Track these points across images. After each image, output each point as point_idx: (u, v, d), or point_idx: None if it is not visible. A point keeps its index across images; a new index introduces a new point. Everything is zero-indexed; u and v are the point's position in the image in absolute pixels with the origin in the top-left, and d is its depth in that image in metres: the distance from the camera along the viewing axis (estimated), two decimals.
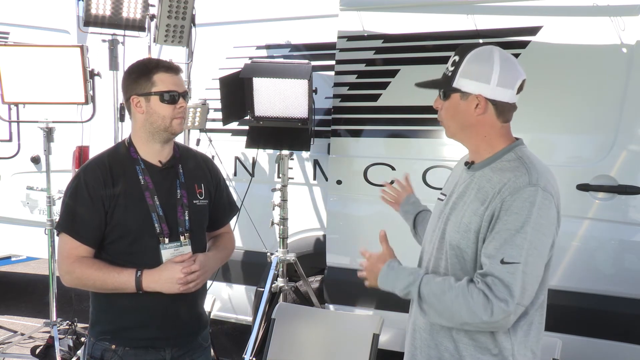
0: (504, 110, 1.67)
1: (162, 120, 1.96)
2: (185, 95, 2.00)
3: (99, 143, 4.16)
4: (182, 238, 1.99)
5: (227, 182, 2.31)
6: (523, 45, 3.09)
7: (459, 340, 1.66)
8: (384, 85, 3.43)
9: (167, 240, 1.96)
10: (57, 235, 2.00)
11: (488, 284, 1.52)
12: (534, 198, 1.54)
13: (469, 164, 1.74)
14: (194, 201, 2.06)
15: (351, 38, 3.52)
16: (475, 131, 1.69)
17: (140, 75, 1.96)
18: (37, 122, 3.84)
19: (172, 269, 1.91)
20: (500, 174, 1.62)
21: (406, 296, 1.67)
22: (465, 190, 1.70)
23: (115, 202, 1.92)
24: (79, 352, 3.74)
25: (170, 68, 1.99)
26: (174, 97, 1.96)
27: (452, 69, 1.68)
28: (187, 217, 2.02)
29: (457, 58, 1.67)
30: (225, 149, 4.04)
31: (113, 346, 1.96)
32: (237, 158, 4.08)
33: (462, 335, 1.66)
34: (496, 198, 1.58)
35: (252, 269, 3.96)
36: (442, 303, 1.58)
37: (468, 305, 1.53)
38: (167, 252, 1.96)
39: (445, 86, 1.69)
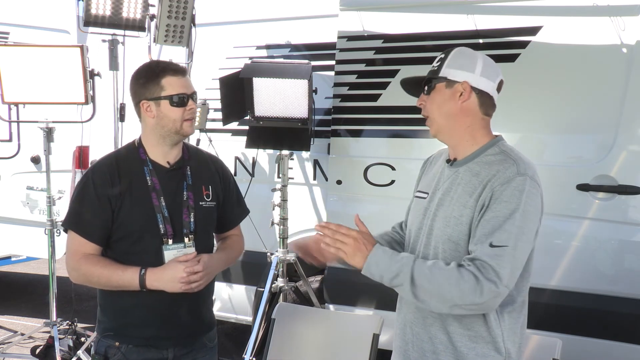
0: (486, 102, 1.73)
1: (173, 124, 1.98)
2: (194, 96, 2.02)
3: (99, 143, 4.17)
4: (186, 240, 2.00)
5: None
6: (523, 45, 3.09)
7: (452, 332, 1.68)
8: (384, 85, 3.43)
9: (170, 241, 1.97)
10: (65, 232, 2.02)
11: (477, 267, 1.54)
12: (522, 186, 1.60)
13: (451, 161, 1.79)
14: (200, 203, 2.07)
15: (351, 38, 3.52)
16: (460, 120, 1.73)
17: (148, 80, 1.98)
18: (37, 122, 3.84)
19: (175, 268, 1.92)
20: (487, 167, 1.67)
21: (393, 280, 1.60)
22: (450, 186, 1.74)
23: (121, 201, 1.95)
24: (79, 352, 3.74)
25: (178, 71, 2.00)
26: (183, 100, 1.98)
27: (437, 64, 1.76)
28: (192, 219, 2.03)
29: (442, 56, 1.76)
30: (225, 149, 4.03)
31: (117, 343, 1.99)
32: (237, 158, 4.08)
33: (456, 326, 1.68)
34: (486, 189, 1.62)
35: (252, 269, 3.96)
36: (433, 284, 1.56)
37: (459, 286, 1.53)
38: (170, 253, 1.97)
39: (431, 76, 1.75)
